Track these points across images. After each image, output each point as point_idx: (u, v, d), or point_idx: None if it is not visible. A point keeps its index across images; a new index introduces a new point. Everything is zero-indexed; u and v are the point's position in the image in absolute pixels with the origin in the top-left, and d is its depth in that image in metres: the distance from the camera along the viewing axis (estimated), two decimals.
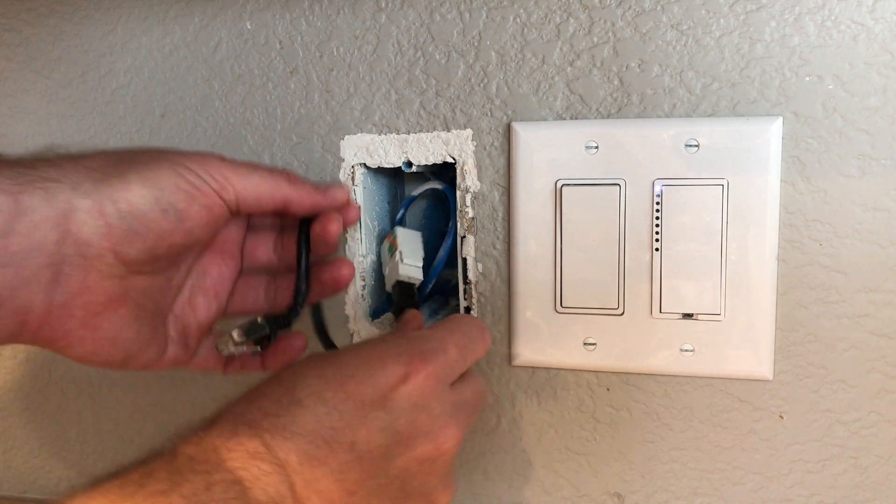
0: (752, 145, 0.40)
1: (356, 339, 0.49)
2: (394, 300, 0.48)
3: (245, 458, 0.30)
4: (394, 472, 0.33)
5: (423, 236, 0.49)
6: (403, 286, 0.47)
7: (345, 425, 0.32)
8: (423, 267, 0.47)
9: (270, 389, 0.33)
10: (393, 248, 0.47)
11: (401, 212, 0.51)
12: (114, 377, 0.55)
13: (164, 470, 0.28)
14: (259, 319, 0.39)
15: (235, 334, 0.38)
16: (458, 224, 0.46)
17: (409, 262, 0.47)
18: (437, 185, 0.49)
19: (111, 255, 0.33)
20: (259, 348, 0.40)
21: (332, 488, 0.31)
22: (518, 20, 0.43)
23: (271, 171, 0.39)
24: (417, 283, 0.47)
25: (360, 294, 0.48)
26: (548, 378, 0.47)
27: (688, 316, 0.43)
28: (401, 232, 0.48)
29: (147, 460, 0.29)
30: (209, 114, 0.50)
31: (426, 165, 0.47)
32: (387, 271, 0.48)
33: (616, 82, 0.42)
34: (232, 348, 0.39)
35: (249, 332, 0.38)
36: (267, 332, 0.39)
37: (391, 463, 0.33)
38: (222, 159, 0.37)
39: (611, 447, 0.47)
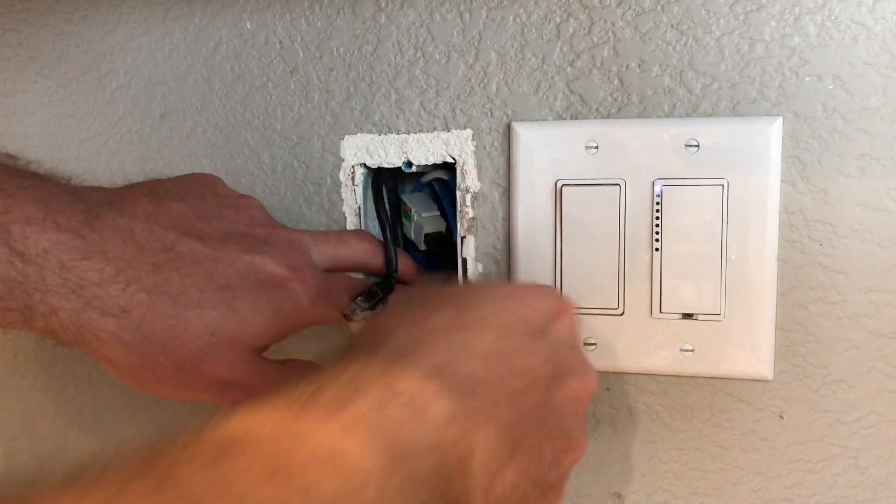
0: (752, 145, 0.40)
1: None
2: (433, 253, 0.50)
3: (419, 380, 0.28)
4: (554, 404, 0.32)
5: (429, 195, 0.51)
6: (434, 237, 0.49)
7: (519, 350, 0.31)
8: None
9: (433, 308, 0.32)
10: (408, 213, 0.49)
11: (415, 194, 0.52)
12: (114, 378, 0.55)
13: (329, 391, 0.26)
14: (373, 287, 0.43)
15: (361, 300, 0.41)
16: (459, 224, 0.46)
17: (426, 215, 0.49)
18: (443, 174, 0.49)
19: None
20: (373, 311, 0.43)
21: (509, 413, 0.30)
22: (518, 20, 0.43)
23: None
24: (443, 228, 0.49)
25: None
26: None
27: (688, 316, 0.43)
28: (407, 197, 0.50)
29: (296, 386, 0.27)
30: (209, 114, 0.50)
31: (426, 165, 0.47)
32: (412, 235, 0.49)
33: (616, 82, 0.42)
34: (360, 314, 0.43)
35: (369, 297, 0.42)
36: (381, 296, 0.43)
37: (552, 394, 0.32)
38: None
39: (611, 447, 0.47)
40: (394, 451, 0.25)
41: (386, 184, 0.49)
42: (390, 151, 0.47)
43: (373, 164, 0.47)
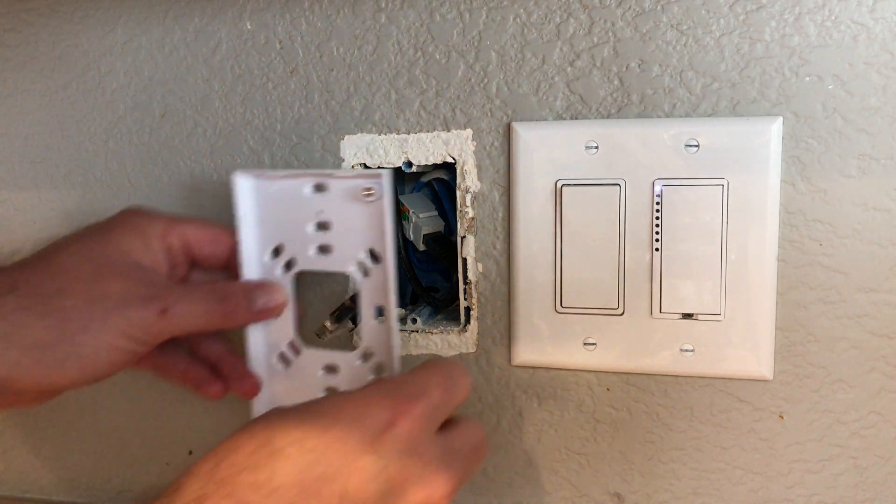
0: (752, 145, 0.40)
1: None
2: (433, 253, 0.50)
3: None
4: None
5: (428, 195, 0.52)
6: (433, 237, 0.49)
7: (333, 474, 0.29)
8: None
9: (242, 442, 0.30)
10: (406, 214, 0.49)
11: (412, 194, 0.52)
12: (114, 378, 0.55)
13: None
14: (347, 302, 0.43)
15: (328, 323, 0.41)
16: (458, 224, 0.46)
17: (424, 215, 0.49)
18: (443, 174, 0.49)
19: None
20: (353, 325, 0.44)
21: None
22: (518, 20, 0.43)
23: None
24: (441, 228, 0.50)
25: None
26: (548, 378, 0.47)
27: (688, 316, 0.43)
28: (405, 198, 0.50)
29: None
30: (209, 114, 0.50)
31: (426, 165, 0.47)
32: (412, 236, 0.49)
33: (616, 82, 0.42)
34: (329, 336, 0.43)
35: (340, 316, 0.42)
36: (355, 311, 0.43)
37: None
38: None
39: (611, 447, 0.47)
40: None
41: None
42: (390, 151, 0.47)
43: (373, 163, 0.47)
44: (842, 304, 0.41)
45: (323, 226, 0.42)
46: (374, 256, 0.41)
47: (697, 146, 0.41)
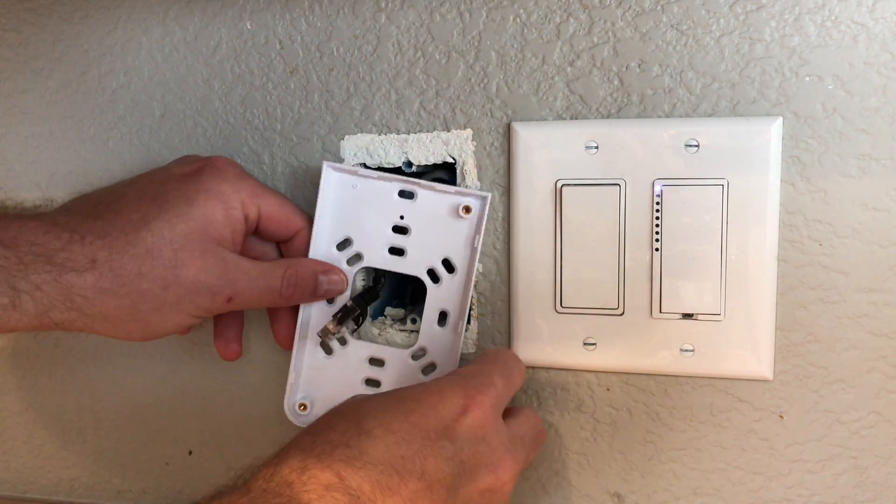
0: (752, 145, 0.40)
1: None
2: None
3: (319, 489, 0.30)
4: (459, 501, 0.34)
5: None
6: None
7: (414, 454, 0.33)
8: None
9: (335, 422, 0.34)
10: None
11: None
12: (114, 379, 0.55)
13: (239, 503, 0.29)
14: (349, 303, 0.44)
15: (331, 325, 0.42)
16: None
17: None
18: (443, 174, 0.49)
19: None
20: (356, 326, 0.45)
21: None
22: (518, 20, 0.43)
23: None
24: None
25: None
26: (548, 378, 0.47)
27: (688, 316, 0.43)
28: None
29: (220, 494, 0.30)
30: (209, 114, 0.50)
31: (426, 165, 0.47)
32: None
33: (616, 82, 0.42)
34: (332, 337, 0.44)
35: (343, 317, 0.43)
36: (358, 311, 0.44)
37: (457, 493, 0.33)
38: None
39: (611, 447, 0.47)
40: None
41: None
42: (390, 151, 0.47)
43: (373, 163, 0.47)
44: (842, 304, 0.41)
45: (401, 229, 0.44)
46: (449, 266, 0.44)
47: (697, 146, 0.41)
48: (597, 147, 0.43)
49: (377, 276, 0.47)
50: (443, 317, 0.45)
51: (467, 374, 0.38)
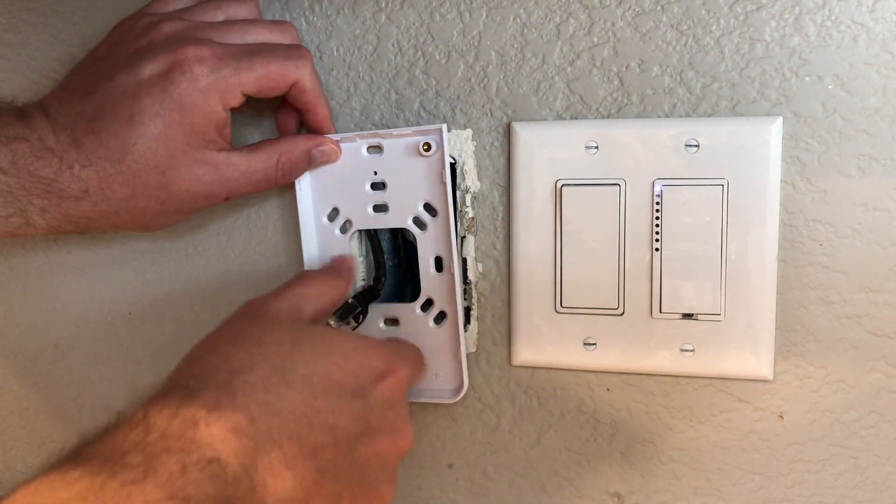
0: (752, 145, 0.40)
1: None
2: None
3: (226, 432, 0.30)
4: (358, 458, 0.35)
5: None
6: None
7: (328, 409, 0.34)
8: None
9: (255, 362, 0.33)
10: None
11: None
12: (114, 378, 0.55)
13: (137, 452, 0.28)
14: (350, 300, 0.44)
15: (332, 322, 0.42)
16: (458, 224, 0.46)
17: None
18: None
19: None
20: (357, 324, 0.46)
21: (307, 466, 0.32)
22: (518, 20, 0.43)
23: None
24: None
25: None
26: (548, 378, 0.47)
27: (688, 316, 0.43)
28: None
29: (117, 432, 0.29)
30: None
31: None
32: (411, 236, 0.49)
33: (616, 82, 0.42)
34: None
35: (343, 315, 0.43)
36: (359, 309, 0.44)
37: (357, 450, 0.35)
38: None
39: (611, 447, 0.47)
40: None
41: None
42: None
43: None
44: (842, 304, 0.41)
45: (378, 185, 0.45)
46: (431, 210, 0.44)
47: (697, 146, 0.41)
48: (597, 147, 0.43)
49: (377, 276, 0.47)
50: (438, 263, 0.45)
51: (394, 345, 0.41)
